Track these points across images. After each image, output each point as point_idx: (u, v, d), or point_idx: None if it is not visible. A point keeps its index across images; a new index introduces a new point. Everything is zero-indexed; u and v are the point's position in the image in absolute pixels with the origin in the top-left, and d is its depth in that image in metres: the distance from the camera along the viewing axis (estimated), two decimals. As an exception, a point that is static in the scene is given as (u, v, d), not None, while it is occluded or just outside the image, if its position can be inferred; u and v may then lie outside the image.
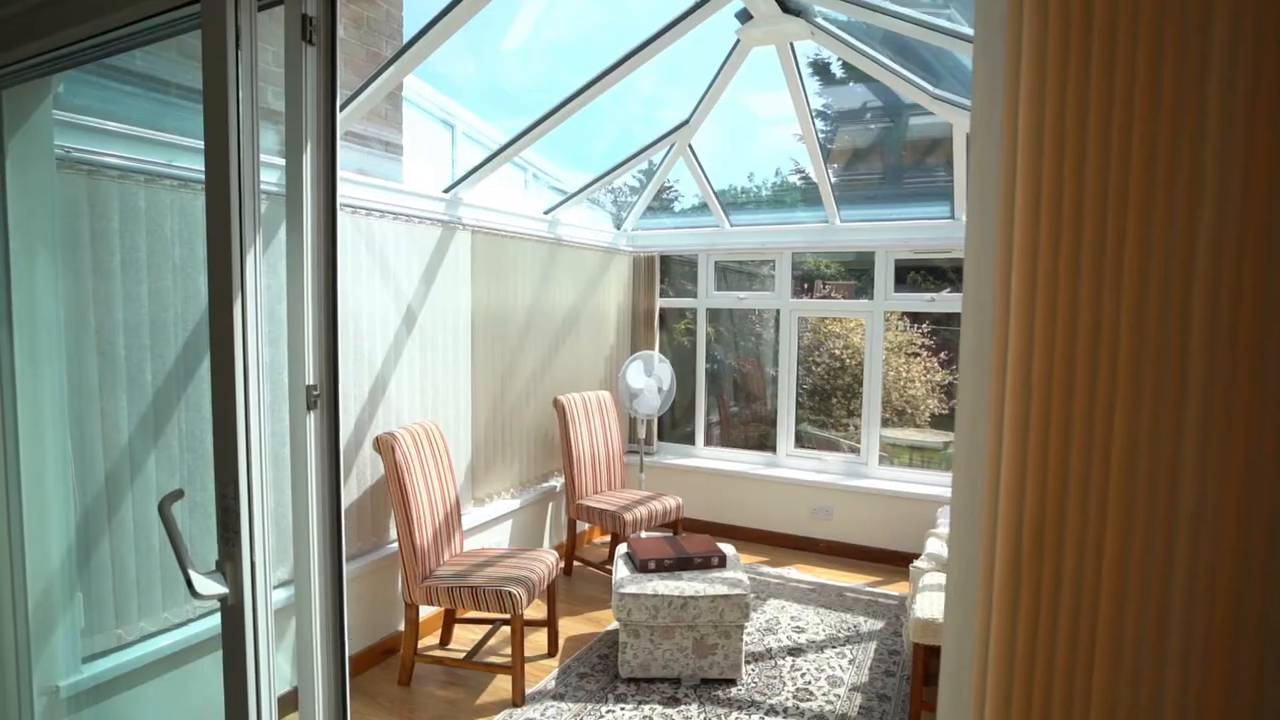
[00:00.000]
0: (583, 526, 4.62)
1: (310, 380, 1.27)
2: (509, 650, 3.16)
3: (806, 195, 4.86)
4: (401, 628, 3.14)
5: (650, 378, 4.51)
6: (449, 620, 3.25)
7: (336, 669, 1.32)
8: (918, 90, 3.45)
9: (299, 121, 1.22)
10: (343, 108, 2.52)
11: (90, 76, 2.16)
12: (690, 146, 4.26)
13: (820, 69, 4.09)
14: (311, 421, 1.27)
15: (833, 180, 4.32)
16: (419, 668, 3.01)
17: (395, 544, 3.08)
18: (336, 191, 1.25)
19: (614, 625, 3.45)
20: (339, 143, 1.28)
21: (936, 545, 3.22)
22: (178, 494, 1.19)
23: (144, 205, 2.21)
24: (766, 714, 2.73)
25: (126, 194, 2.16)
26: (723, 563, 3.13)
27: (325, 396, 1.28)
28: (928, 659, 2.59)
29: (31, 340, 1.84)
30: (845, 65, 4.18)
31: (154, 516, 2.27)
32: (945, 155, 4.38)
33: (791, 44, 3.37)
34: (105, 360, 2.13)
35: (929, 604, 2.63)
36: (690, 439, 5.17)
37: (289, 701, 1.86)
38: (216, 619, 2.43)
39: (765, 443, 5.14)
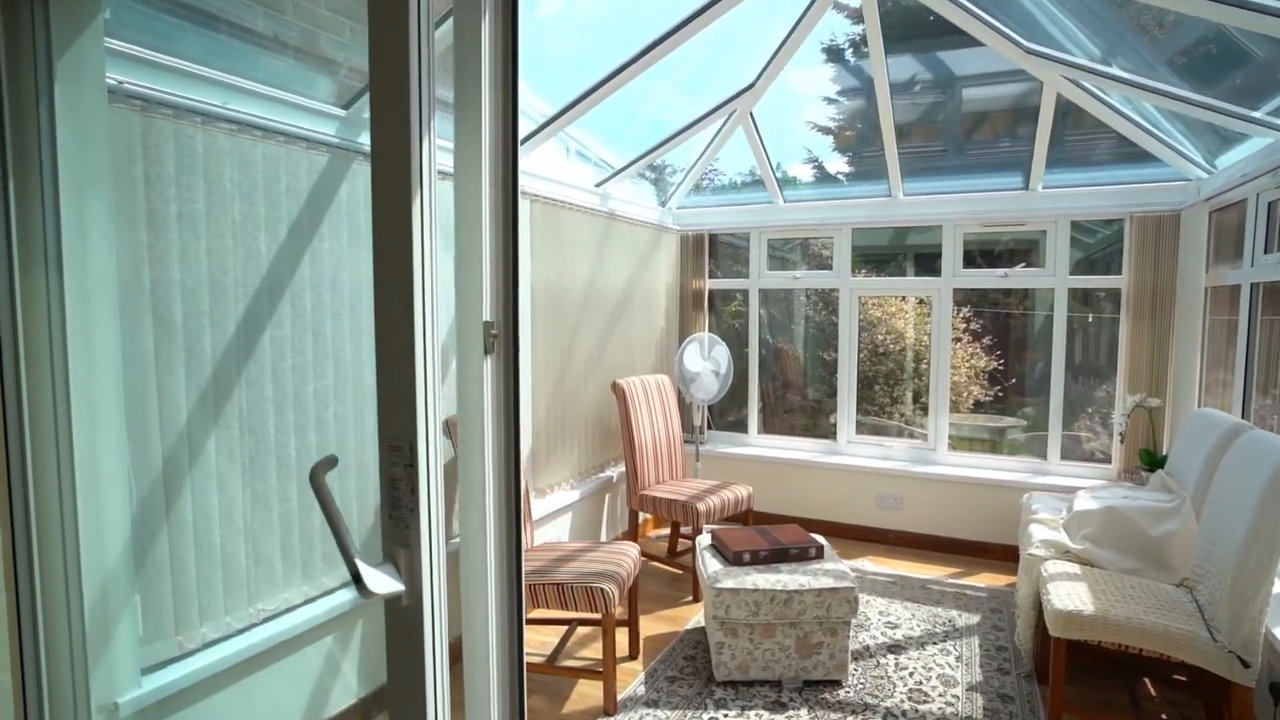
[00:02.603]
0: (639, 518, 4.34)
1: (487, 316, 1.00)
2: (587, 653, 2.89)
3: (816, 184, 4.61)
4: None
5: (706, 361, 4.24)
6: (517, 621, 2.97)
7: (513, 647, 1.06)
8: (1010, 44, 3.20)
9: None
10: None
11: (141, 5, 1.88)
12: (751, 115, 4.00)
13: (834, 54, 3.85)
14: (488, 366, 1.00)
15: (891, 151, 4.05)
16: (491, 674, 2.74)
17: (462, 538, 2.80)
18: (518, 66, 0.98)
19: (693, 624, 3.18)
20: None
21: (1045, 532, 2.97)
22: (331, 461, 0.91)
23: (201, 150, 1.93)
24: (884, 719, 2.47)
25: (182, 136, 1.88)
26: (820, 553, 2.87)
27: (504, 337, 1.01)
28: (1070, 655, 2.34)
29: (83, 292, 1.55)
30: (855, 51, 3.91)
31: (214, 507, 1.99)
32: (1003, 124, 4.13)
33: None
34: (161, 326, 1.85)
35: (1068, 594, 2.38)
36: (740, 426, 4.91)
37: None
38: (284, 624, 2.15)
39: (811, 429, 4.89)
